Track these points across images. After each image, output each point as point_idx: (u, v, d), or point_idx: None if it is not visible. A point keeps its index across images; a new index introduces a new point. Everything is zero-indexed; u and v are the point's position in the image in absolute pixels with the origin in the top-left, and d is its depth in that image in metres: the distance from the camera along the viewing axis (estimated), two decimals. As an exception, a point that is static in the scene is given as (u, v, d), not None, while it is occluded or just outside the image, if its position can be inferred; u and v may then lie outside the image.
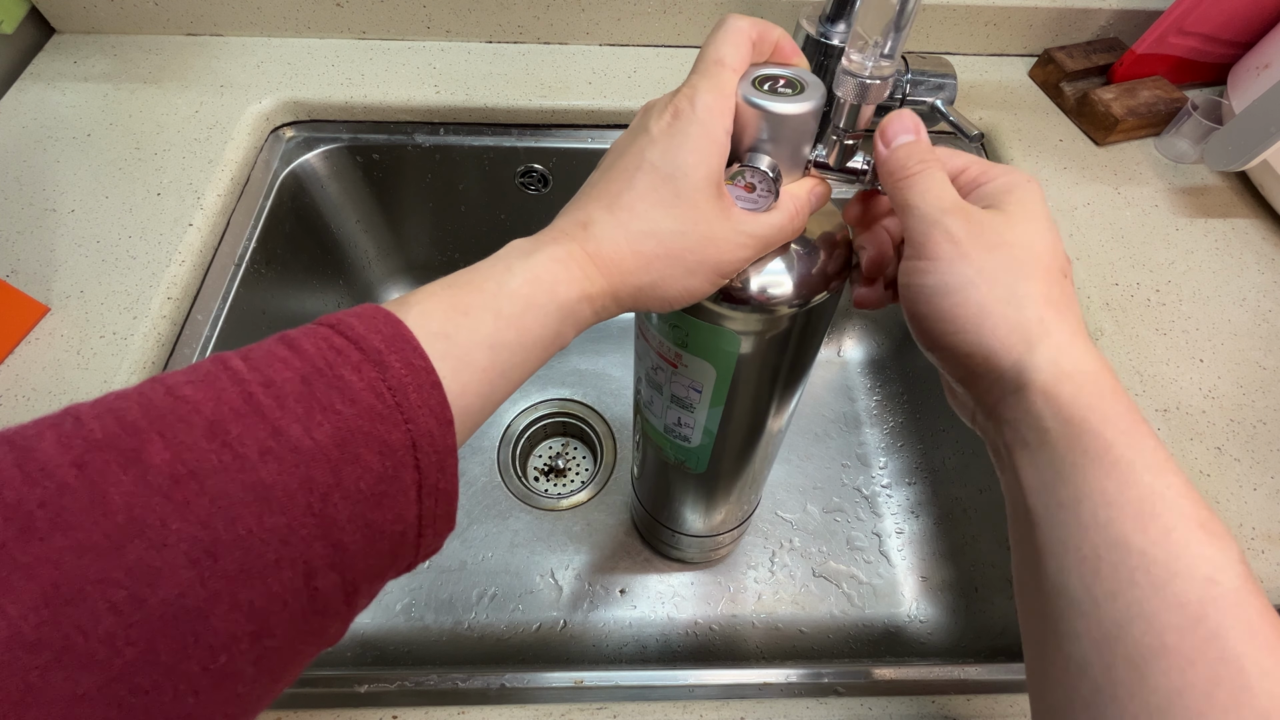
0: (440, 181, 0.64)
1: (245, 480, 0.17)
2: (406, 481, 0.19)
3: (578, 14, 0.62)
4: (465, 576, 0.61)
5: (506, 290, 0.23)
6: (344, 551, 0.18)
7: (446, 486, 0.21)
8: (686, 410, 0.38)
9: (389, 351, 0.19)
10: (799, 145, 0.27)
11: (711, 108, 0.25)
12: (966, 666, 0.42)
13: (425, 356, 0.20)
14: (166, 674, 0.16)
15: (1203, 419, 0.46)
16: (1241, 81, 0.59)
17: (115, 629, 0.15)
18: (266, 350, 0.19)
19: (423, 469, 0.20)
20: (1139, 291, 0.52)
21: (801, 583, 0.62)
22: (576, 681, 0.41)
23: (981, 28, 0.65)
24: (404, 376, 0.19)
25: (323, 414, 0.18)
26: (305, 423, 0.18)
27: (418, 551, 0.21)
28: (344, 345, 0.19)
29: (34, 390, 0.42)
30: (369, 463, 0.18)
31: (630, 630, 0.59)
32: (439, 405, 0.20)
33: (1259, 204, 0.57)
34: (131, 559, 0.15)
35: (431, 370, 0.20)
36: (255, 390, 0.18)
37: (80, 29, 0.62)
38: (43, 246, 0.48)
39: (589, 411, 0.71)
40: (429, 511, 0.20)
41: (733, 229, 0.26)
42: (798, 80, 0.26)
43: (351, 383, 0.19)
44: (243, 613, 0.17)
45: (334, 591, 0.19)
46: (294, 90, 0.59)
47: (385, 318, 0.20)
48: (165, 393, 0.18)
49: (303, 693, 0.39)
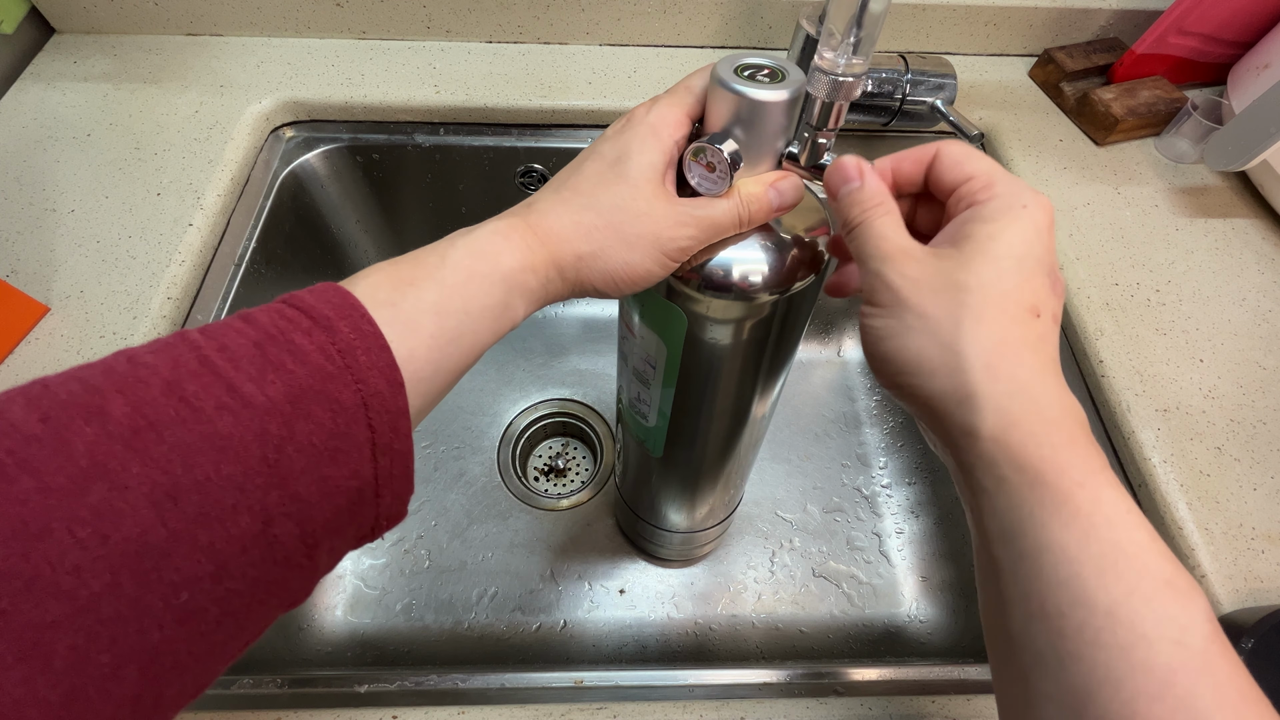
0: (440, 181, 0.64)
1: (202, 431, 0.18)
2: (360, 439, 0.20)
3: (578, 14, 0.62)
4: (465, 576, 0.61)
5: (449, 262, 0.24)
6: (300, 502, 0.19)
7: (401, 447, 0.21)
8: (644, 385, 0.39)
9: (338, 318, 0.21)
10: (770, 135, 0.27)
11: (665, 116, 0.27)
12: (966, 666, 0.42)
13: (373, 322, 0.21)
14: (131, 606, 0.17)
15: (1203, 419, 0.46)
16: (1241, 81, 0.59)
17: (82, 562, 0.16)
18: (224, 324, 0.20)
19: (375, 428, 0.21)
20: (1139, 291, 0.52)
21: (801, 583, 0.62)
22: (576, 681, 0.41)
23: (981, 28, 0.65)
24: (352, 339, 0.21)
25: (274, 373, 0.19)
26: (258, 381, 0.19)
27: (378, 510, 0.22)
28: (295, 315, 0.21)
29: (34, 390, 0.42)
30: (321, 418, 0.19)
31: (630, 630, 0.59)
32: (388, 367, 0.21)
33: (1259, 204, 0.57)
34: (95, 500, 0.16)
35: (379, 334, 0.21)
36: (210, 354, 0.19)
37: (80, 29, 0.62)
38: (43, 246, 0.48)
39: (589, 411, 0.71)
40: (385, 470, 0.21)
41: (672, 208, 0.27)
42: (780, 70, 0.26)
43: (302, 345, 0.20)
44: (203, 553, 0.18)
45: (293, 541, 0.19)
46: (294, 90, 0.59)
47: (335, 290, 0.22)
48: (126, 360, 0.19)
49: (303, 693, 0.39)
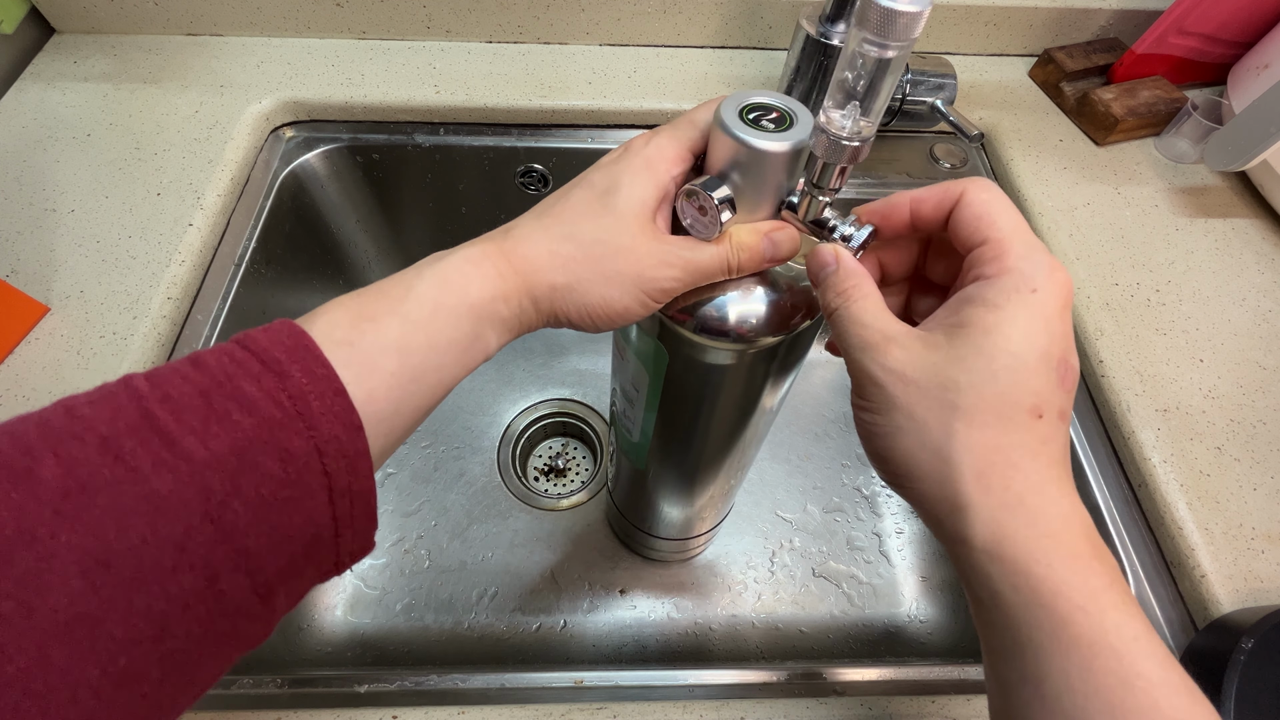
0: (440, 181, 0.64)
1: (138, 491, 0.17)
2: (313, 485, 0.20)
3: (578, 14, 0.62)
4: (465, 576, 0.61)
5: (414, 294, 0.23)
6: (249, 554, 0.19)
7: (361, 487, 0.21)
8: (630, 404, 0.38)
9: (290, 361, 0.20)
10: (769, 184, 0.25)
11: (663, 149, 0.25)
12: (966, 666, 0.42)
13: (327, 364, 0.20)
14: (62, 677, 0.16)
15: (1203, 419, 0.46)
16: (1241, 81, 0.59)
17: (4, 638, 0.15)
18: (172, 368, 0.20)
19: (331, 473, 0.20)
20: (1139, 291, 0.52)
21: (801, 583, 0.62)
22: (576, 681, 0.41)
23: (981, 28, 0.65)
24: (304, 384, 0.20)
25: (219, 424, 0.19)
26: (201, 434, 0.18)
27: (338, 550, 0.21)
28: (245, 358, 0.20)
29: (34, 390, 0.42)
30: (269, 469, 0.19)
31: (630, 630, 0.59)
32: (344, 410, 0.20)
33: (1259, 204, 0.57)
34: (20, 570, 0.16)
35: (334, 377, 0.20)
36: (152, 406, 0.18)
37: (80, 29, 0.62)
38: (43, 246, 0.48)
39: (589, 411, 0.71)
40: (344, 512, 0.21)
41: (657, 246, 0.25)
42: (788, 115, 0.25)
43: (250, 393, 0.19)
44: (140, 617, 0.17)
45: (243, 593, 0.19)
46: (294, 90, 0.59)
47: (289, 330, 0.21)
48: (64, 413, 0.18)
49: (303, 693, 0.39)
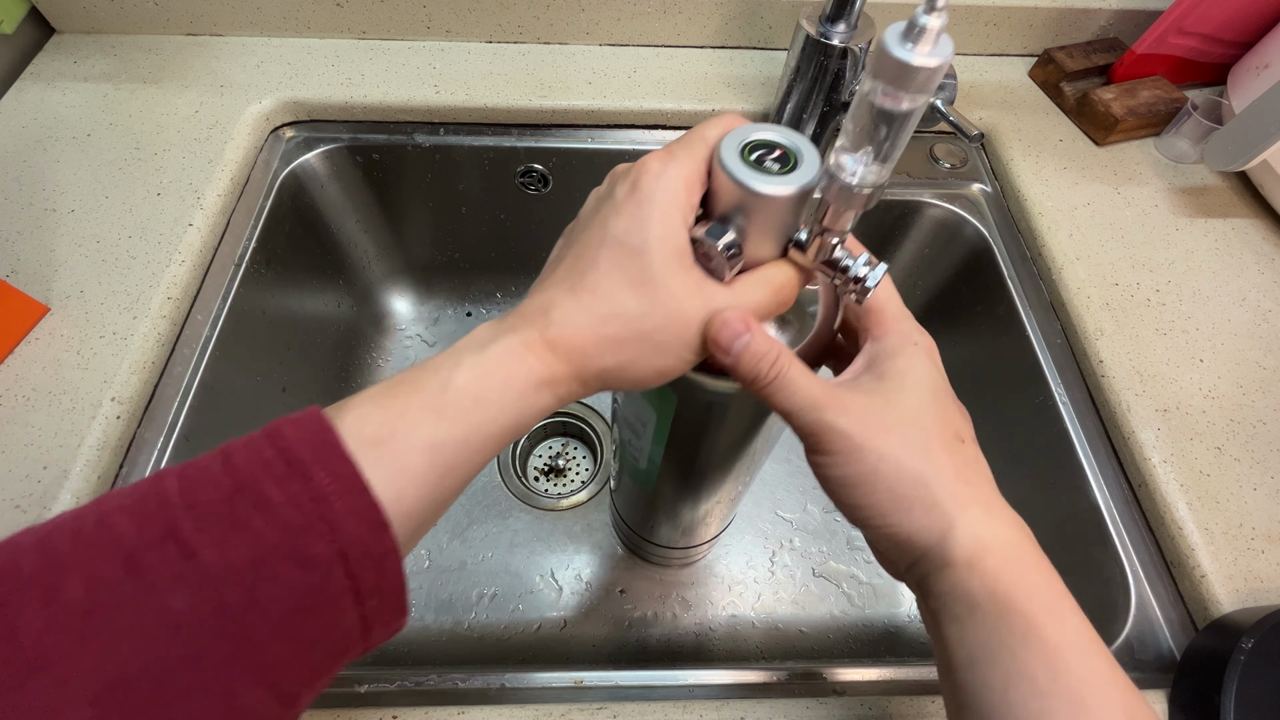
0: (440, 181, 0.64)
1: (155, 609, 0.17)
2: (337, 590, 0.19)
3: (578, 14, 0.62)
4: (465, 576, 0.61)
5: (453, 387, 0.22)
6: (269, 668, 0.19)
7: (389, 586, 0.20)
8: (636, 436, 0.38)
9: (314, 461, 0.19)
10: (773, 226, 0.24)
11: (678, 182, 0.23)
12: (966, 666, 0.42)
13: (351, 463, 0.20)
14: None
15: (1203, 419, 0.46)
16: (1241, 81, 0.59)
17: None
18: (204, 467, 0.20)
19: (356, 575, 0.19)
20: (1139, 291, 0.52)
21: (801, 583, 0.62)
22: (576, 681, 0.41)
23: (981, 28, 0.65)
24: (327, 486, 0.19)
25: (240, 533, 0.18)
26: (220, 545, 0.18)
27: (367, 645, 0.21)
28: (272, 458, 0.19)
29: (34, 390, 0.42)
30: (289, 578, 0.19)
31: (630, 630, 0.59)
32: (368, 509, 0.20)
33: (1259, 204, 0.57)
34: (32, 698, 0.16)
35: (358, 477, 0.20)
36: (178, 515, 0.18)
37: (80, 29, 0.62)
38: (43, 246, 0.48)
39: (589, 411, 0.71)
40: (372, 611, 0.20)
41: (705, 305, 0.24)
42: (793, 154, 0.23)
43: (271, 498, 0.19)
44: None
45: (264, 704, 0.19)
46: (294, 90, 0.59)
47: (317, 425, 0.20)
48: (97, 520, 0.18)
49: (303, 693, 0.39)
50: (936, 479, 0.23)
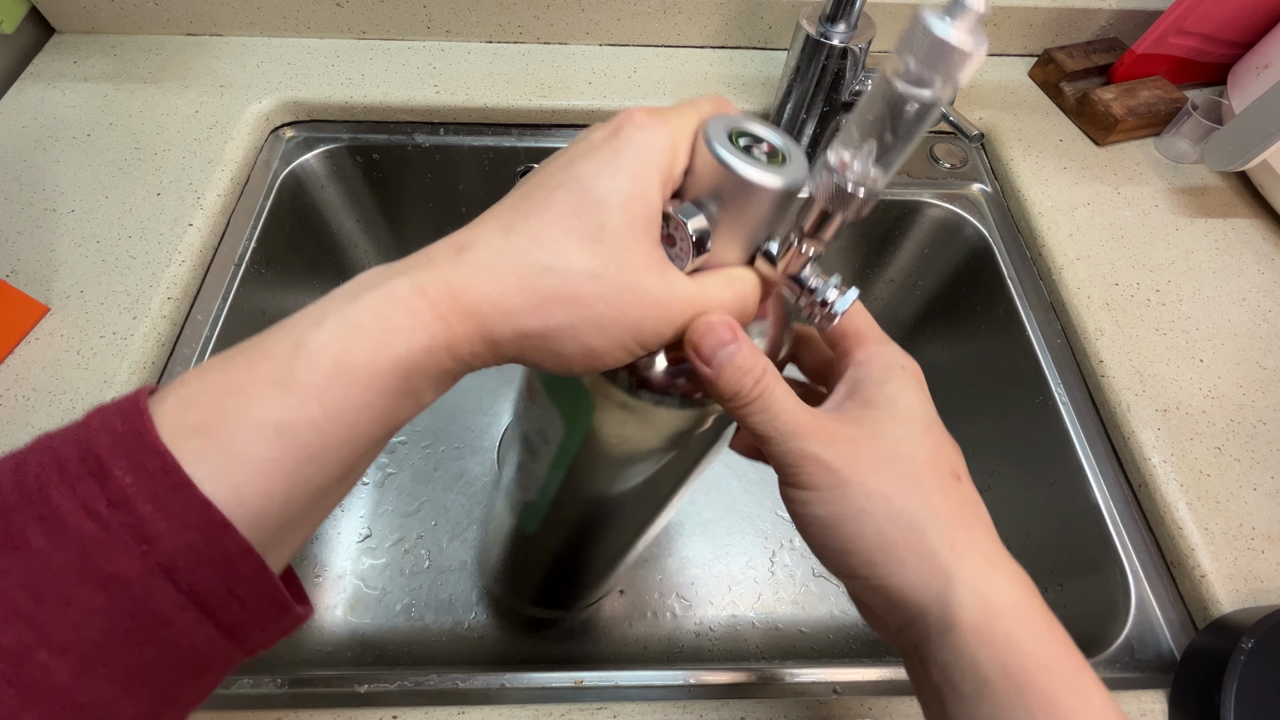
0: (440, 181, 0.64)
1: None
2: (166, 609, 0.16)
3: (578, 14, 0.62)
4: (465, 577, 0.61)
5: (305, 351, 0.17)
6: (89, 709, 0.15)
7: (252, 590, 0.17)
8: (533, 457, 0.33)
9: (115, 458, 0.16)
10: (750, 222, 0.21)
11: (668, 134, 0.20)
12: (966, 666, 0.42)
13: (165, 457, 0.16)
14: None
15: (1203, 419, 0.46)
16: (1241, 81, 0.59)
17: None
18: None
19: (194, 587, 0.16)
20: (1139, 291, 0.52)
21: (801, 583, 0.62)
22: (576, 681, 0.41)
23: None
24: (130, 487, 0.15)
25: (13, 555, 0.15)
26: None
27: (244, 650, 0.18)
28: (69, 455, 0.16)
29: (34, 390, 0.42)
30: (89, 603, 0.15)
31: (630, 630, 0.59)
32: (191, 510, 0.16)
33: (1259, 204, 0.57)
34: None
35: (176, 472, 0.16)
36: None
37: (80, 29, 0.62)
38: (43, 246, 0.48)
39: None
40: (233, 619, 0.17)
41: (664, 288, 0.20)
42: (782, 152, 0.21)
43: (59, 505, 0.15)
44: None
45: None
46: (294, 90, 0.59)
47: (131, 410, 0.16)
48: None
49: (303, 693, 0.39)
50: (931, 522, 0.21)
